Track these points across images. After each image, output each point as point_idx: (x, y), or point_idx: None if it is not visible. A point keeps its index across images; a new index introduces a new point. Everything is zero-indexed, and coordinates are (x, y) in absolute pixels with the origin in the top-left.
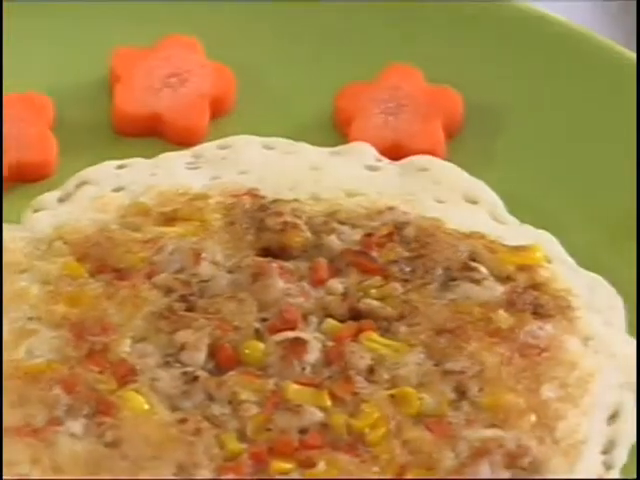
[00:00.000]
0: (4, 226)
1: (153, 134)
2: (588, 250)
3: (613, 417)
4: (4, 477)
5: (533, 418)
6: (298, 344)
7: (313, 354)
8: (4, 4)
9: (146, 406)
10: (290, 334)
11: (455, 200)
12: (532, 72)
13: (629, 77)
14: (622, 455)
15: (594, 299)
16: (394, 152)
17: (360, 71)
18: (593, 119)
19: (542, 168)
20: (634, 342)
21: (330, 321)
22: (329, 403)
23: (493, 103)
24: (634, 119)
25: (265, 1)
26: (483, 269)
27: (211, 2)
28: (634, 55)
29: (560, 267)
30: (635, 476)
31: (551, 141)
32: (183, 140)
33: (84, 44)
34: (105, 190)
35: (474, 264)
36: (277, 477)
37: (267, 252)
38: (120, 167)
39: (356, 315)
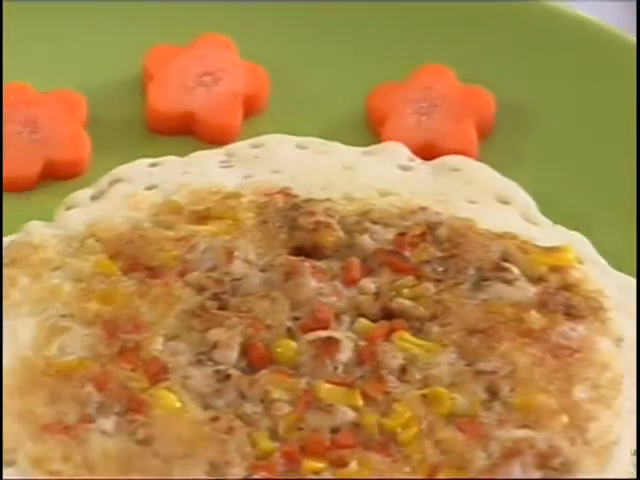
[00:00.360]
0: (37, 223)
1: (186, 133)
2: (620, 251)
3: None
4: (37, 473)
5: (565, 419)
6: (330, 343)
7: (345, 353)
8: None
9: (178, 404)
10: (322, 333)
11: (487, 200)
12: (564, 72)
13: None
14: None
15: (625, 300)
16: (427, 152)
17: (393, 71)
18: (625, 119)
19: (574, 168)
20: None
21: (362, 321)
22: (361, 403)
23: (525, 103)
24: None
25: (299, 1)
26: (515, 270)
27: (245, 2)
28: None
29: (592, 268)
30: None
31: (583, 141)
32: (216, 139)
33: (118, 42)
34: (138, 188)
35: (506, 264)
36: (309, 476)
37: (299, 251)
38: (153, 165)
39: (388, 315)
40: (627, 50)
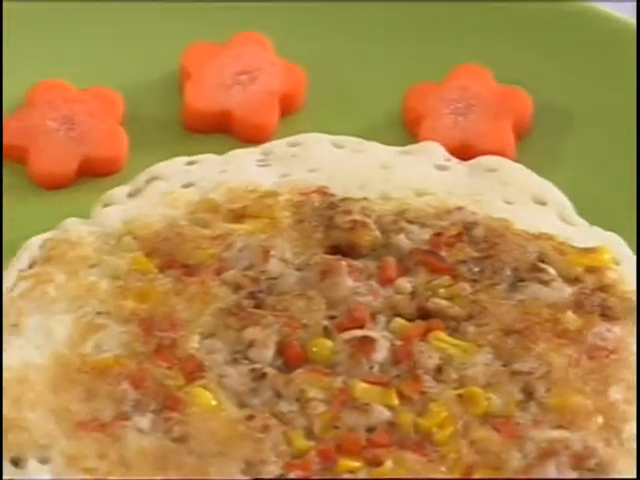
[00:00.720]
0: (74, 220)
1: (222, 131)
2: None
3: None
4: (71, 471)
5: (600, 420)
6: (366, 342)
7: (381, 353)
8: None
9: (214, 402)
10: (358, 332)
11: (524, 201)
12: (601, 73)
13: None
14: None
15: None
16: (463, 152)
17: (430, 71)
18: None
19: (611, 169)
20: None
21: (398, 320)
22: (397, 402)
23: (562, 104)
24: None
25: (336, 0)
26: (551, 270)
27: (282, 1)
28: None
29: (628, 269)
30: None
31: (620, 142)
32: (253, 137)
33: (156, 40)
34: (175, 186)
35: (543, 265)
36: (344, 475)
37: (336, 250)
38: (190, 163)
39: (424, 314)
40: None
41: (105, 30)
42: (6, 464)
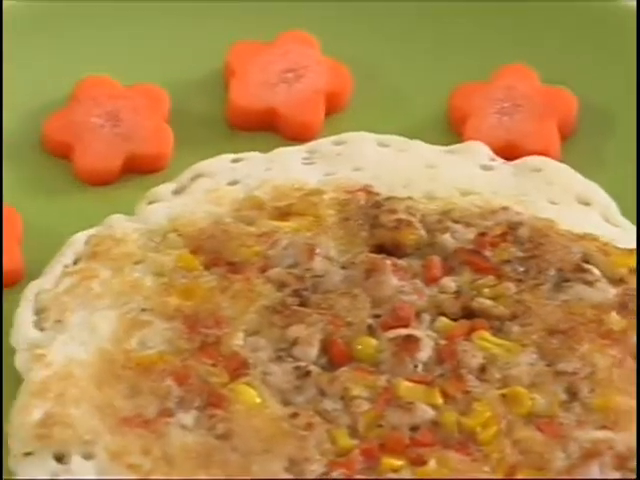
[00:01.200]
0: (119, 216)
1: (267, 129)
2: None
3: None
4: (115, 466)
5: None
6: (411, 341)
7: (425, 352)
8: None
9: (258, 400)
10: (403, 331)
11: (568, 201)
12: None
13: None
14: None
15: None
16: (508, 152)
17: (475, 70)
18: None
19: None
20: None
21: (443, 319)
22: (440, 401)
23: (607, 104)
24: None
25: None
26: (596, 271)
27: None
28: None
29: None
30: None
31: None
32: (298, 135)
33: (201, 38)
34: (220, 183)
35: (587, 266)
36: (387, 474)
37: (381, 249)
38: (235, 161)
39: (469, 314)
40: None
41: (151, 27)
42: (49, 459)
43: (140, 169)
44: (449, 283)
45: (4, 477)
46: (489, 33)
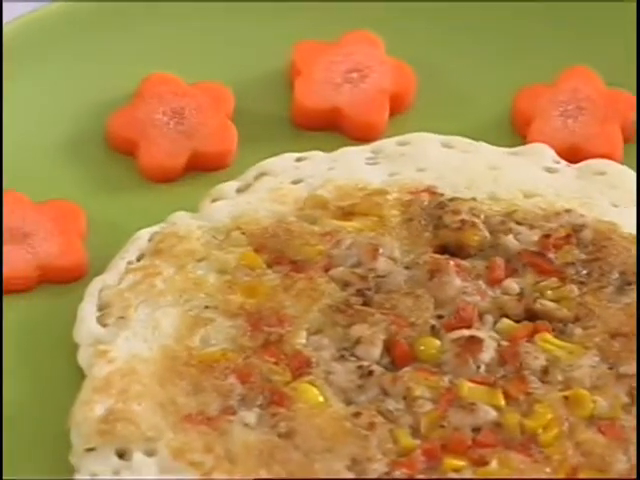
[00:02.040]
0: (182, 214)
1: (331, 128)
2: None
3: None
4: (177, 464)
5: None
6: (474, 342)
7: (488, 353)
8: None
9: (320, 398)
10: (466, 332)
11: (631, 204)
12: None
13: None
14: None
15: None
16: (572, 154)
17: (539, 73)
18: None
19: None
20: None
21: (506, 321)
22: (503, 402)
23: None
24: None
25: (447, 0)
26: None
27: (393, 0)
28: None
29: None
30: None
31: None
32: (362, 135)
33: (266, 37)
34: (284, 182)
35: None
36: (449, 474)
37: (444, 250)
38: (299, 160)
39: (531, 316)
40: None
41: (217, 25)
42: (111, 455)
43: (204, 167)
44: (512, 285)
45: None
46: (553, 35)
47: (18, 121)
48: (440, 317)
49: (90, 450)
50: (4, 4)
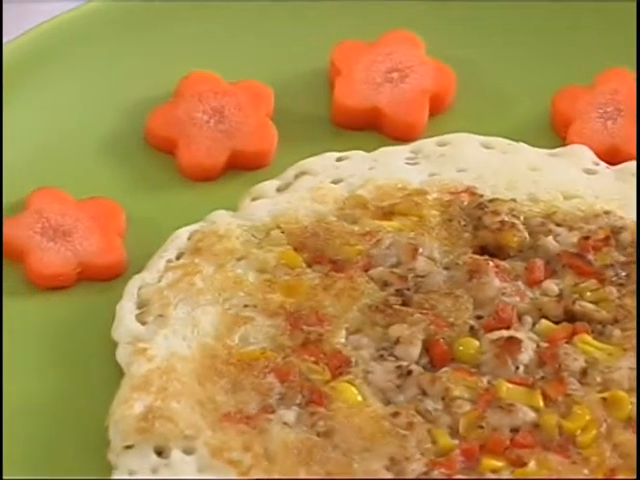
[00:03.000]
0: (222, 212)
1: (371, 128)
2: None
3: None
4: (215, 462)
5: None
6: (513, 343)
7: (527, 354)
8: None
9: (359, 398)
10: (505, 333)
11: None
12: None
13: None
14: None
15: None
16: (611, 156)
17: (579, 74)
18: None
19: None
20: None
21: (545, 322)
22: (541, 404)
23: None
24: None
25: (486, 0)
26: None
27: (434, 0)
28: None
29: None
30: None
31: None
32: (402, 135)
33: (307, 36)
34: (324, 181)
35: None
36: (487, 474)
37: (483, 250)
38: (339, 159)
39: (570, 317)
40: None
41: (256, 24)
42: (150, 453)
43: (243, 165)
44: (551, 286)
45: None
46: (593, 37)
47: (59, 120)
48: (479, 318)
49: (128, 448)
50: (43, 2)
